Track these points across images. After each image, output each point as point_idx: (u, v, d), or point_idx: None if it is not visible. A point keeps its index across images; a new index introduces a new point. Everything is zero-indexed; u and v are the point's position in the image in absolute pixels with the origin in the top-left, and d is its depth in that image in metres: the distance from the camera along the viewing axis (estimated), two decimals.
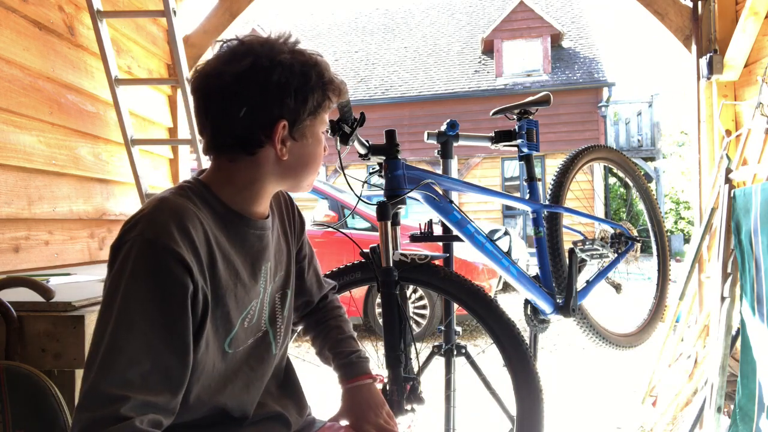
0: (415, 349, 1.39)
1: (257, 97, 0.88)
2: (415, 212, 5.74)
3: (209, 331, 0.87)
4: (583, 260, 2.02)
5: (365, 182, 1.50)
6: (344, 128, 1.29)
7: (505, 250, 1.64)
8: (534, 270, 1.77)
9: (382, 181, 1.43)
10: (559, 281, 1.77)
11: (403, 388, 1.30)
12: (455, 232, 1.57)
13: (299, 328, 1.26)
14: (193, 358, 0.83)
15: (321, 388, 1.57)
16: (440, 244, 1.83)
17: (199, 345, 0.85)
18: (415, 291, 4.62)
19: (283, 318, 1.06)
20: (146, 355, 0.76)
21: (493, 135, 1.84)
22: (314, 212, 5.05)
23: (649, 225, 2.28)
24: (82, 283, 1.66)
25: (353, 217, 4.98)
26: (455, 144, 1.84)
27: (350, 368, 1.12)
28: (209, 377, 0.90)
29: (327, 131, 1.27)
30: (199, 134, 0.95)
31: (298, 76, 0.89)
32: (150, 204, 0.85)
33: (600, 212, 11.44)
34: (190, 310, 0.80)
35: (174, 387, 0.80)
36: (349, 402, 1.10)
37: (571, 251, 1.71)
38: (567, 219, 1.91)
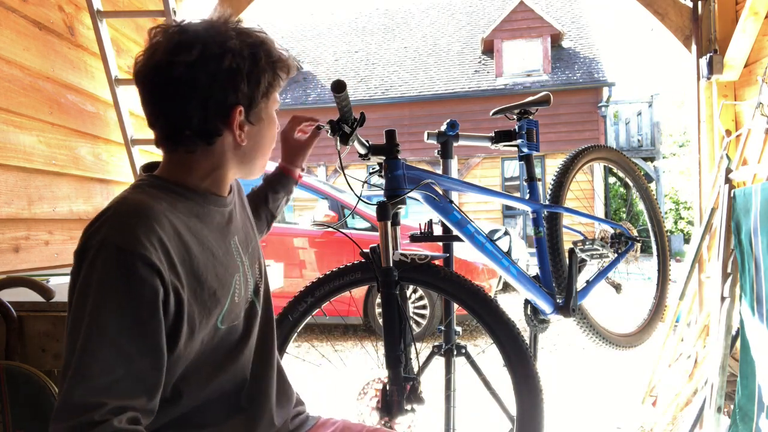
0: (415, 349, 1.39)
1: (211, 86, 0.86)
2: (415, 212, 5.73)
3: (195, 319, 0.85)
4: (583, 260, 2.02)
5: (365, 182, 1.50)
6: (344, 128, 1.28)
7: (505, 250, 1.64)
8: (534, 270, 1.77)
9: (382, 181, 1.43)
10: (559, 281, 1.76)
11: (403, 388, 1.30)
12: (455, 232, 1.57)
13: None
14: (174, 354, 0.82)
15: (319, 388, 1.57)
16: (440, 244, 1.83)
17: (178, 341, 0.83)
18: (415, 291, 4.61)
19: (263, 284, 1.07)
20: (119, 361, 0.75)
21: (493, 135, 1.84)
22: (314, 212, 5.05)
23: (649, 225, 2.27)
24: None
25: (353, 217, 4.97)
26: (455, 144, 1.84)
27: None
28: (198, 354, 0.88)
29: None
30: (149, 126, 0.91)
31: (248, 59, 0.88)
32: (112, 205, 0.82)
33: (600, 212, 11.43)
34: (161, 313, 0.78)
35: (149, 390, 0.78)
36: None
37: (571, 251, 1.71)
38: (567, 219, 1.91)
